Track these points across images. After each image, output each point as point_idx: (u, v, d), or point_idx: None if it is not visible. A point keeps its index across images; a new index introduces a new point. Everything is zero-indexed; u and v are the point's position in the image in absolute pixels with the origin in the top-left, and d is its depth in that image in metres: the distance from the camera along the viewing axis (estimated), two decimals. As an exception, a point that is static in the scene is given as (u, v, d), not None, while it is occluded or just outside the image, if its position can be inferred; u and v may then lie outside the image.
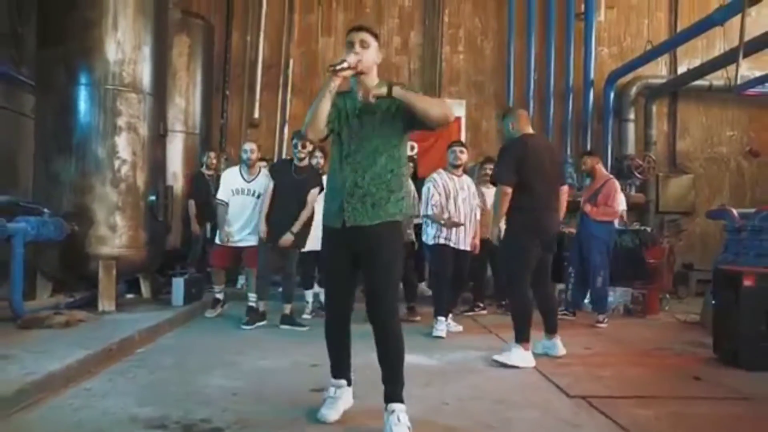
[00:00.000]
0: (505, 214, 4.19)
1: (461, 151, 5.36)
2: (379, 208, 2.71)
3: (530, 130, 4.36)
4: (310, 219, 5.32)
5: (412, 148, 5.34)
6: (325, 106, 2.64)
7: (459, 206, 5.24)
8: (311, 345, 4.21)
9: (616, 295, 6.66)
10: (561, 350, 4.33)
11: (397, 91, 2.61)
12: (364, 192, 2.70)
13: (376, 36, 2.76)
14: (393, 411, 2.63)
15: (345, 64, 2.57)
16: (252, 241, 5.51)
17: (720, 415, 3.10)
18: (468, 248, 5.33)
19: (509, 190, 4.09)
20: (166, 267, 7.07)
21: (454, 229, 5.21)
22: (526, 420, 2.93)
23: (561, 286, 6.75)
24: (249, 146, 5.70)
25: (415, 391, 3.14)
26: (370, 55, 2.69)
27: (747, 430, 2.89)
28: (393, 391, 2.69)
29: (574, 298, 6.38)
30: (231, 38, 9.19)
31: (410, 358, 3.95)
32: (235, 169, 5.78)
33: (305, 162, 5.34)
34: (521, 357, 4.00)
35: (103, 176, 5.47)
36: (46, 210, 5.01)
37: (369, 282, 2.75)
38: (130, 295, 6.26)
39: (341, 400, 2.87)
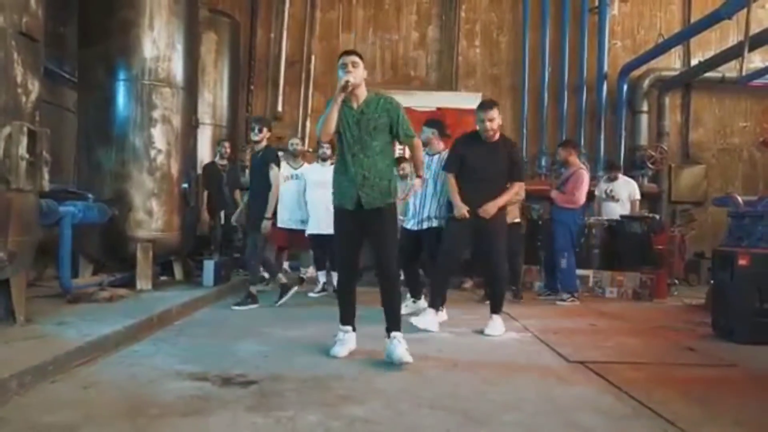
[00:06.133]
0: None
1: (433, 133, 5.52)
2: (385, 194, 3.57)
3: None
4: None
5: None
6: (335, 115, 3.51)
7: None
8: (330, 322, 4.59)
9: (626, 280, 6.96)
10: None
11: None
12: (372, 183, 3.54)
13: (361, 57, 3.65)
14: (395, 337, 3.53)
15: (350, 85, 3.47)
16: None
17: (704, 377, 3.40)
18: (420, 229, 5.35)
19: None
20: (194, 253, 7.50)
21: (409, 212, 5.47)
22: (526, 378, 3.26)
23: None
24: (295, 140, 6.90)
25: (430, 356, 3.63)
26: (359, 72, 3.56)
27: (726, 389, 3.17)
28: (394, 325, 3.58)
29: (547, 281, 6.75)
30: (256, 35, 9.62)
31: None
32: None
33: (261, 145, 5.58)
34: None
35: (141, 165, 5.89)
36: (90, 195, 5.43)
37: (379, 248, 3.61)
38: (163, 277, 6.69)
39: (349, 342, 3.71)
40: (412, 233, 5.39)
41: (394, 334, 3.55)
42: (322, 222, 6.23)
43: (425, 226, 5.27)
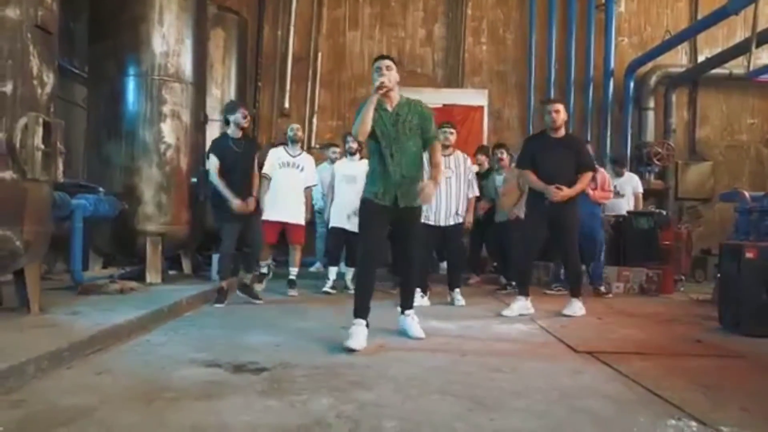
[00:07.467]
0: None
1: (451, 133, 5.61)
2: (416, 194, 3.80)
3: None
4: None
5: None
6: (370, 115, 3.68)
7: (441, 185, 5.26)
8: (340, 313, 4.65)
9: (632, 275, 6.98)
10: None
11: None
12: (408, 183, 3.79)
13: (394, 61, 3.86)
14: (408, 314, 4.01)
15: (384, 86, 3.66)
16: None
17: (711, 367, 3.42)
18: (447, 225, 5.57)
19: None
20: (202, 248, 7.54)
21: (432, 207, 5.41)
22: (533, 368, 3.28)
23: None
24: (294, 125, 6.40)
25: (438, 346, 3.67)
26: (393, 76, 3.75)
27: (732, 378, 3.18)
28: (408, 303, 4.05)
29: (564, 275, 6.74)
30: (263, 32, 9.66)
31: (433, 324, 4.39)
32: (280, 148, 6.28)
33: (240, 133, 5.38)
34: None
35: (150, 159, 5.96)
36: (101, 189, 5.49)
37: (409, 241, 3.98)
38: (172, 272, 6.74)
39: (362, 335, 3.62)
40: (438, 229, 5.56)
41: (407, 312, 4.01)
42: (345, 217, 6.26)
43: (452, 222, 5.57)
